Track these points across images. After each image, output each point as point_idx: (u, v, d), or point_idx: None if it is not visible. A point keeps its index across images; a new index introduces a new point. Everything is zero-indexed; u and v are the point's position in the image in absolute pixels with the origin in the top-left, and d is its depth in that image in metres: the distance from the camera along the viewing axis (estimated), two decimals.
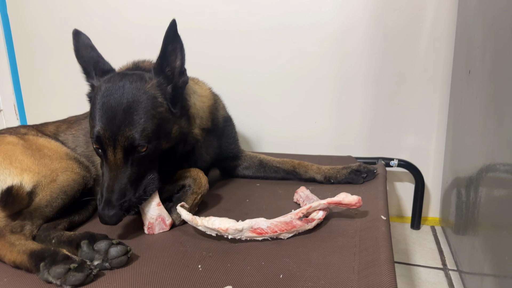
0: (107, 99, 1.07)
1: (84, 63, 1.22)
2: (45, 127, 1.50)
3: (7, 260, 0.99)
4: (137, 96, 1.08)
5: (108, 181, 1.06)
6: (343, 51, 1.82)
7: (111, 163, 1.07)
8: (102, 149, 1.08)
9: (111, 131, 1.05)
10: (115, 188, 1.05)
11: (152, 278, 0.91)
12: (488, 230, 1.11)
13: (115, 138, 1.05)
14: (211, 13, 1.94)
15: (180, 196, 1.22)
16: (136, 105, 1.07)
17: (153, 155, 1.11)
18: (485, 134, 1.15)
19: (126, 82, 1.09)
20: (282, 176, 1.55)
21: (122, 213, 1.05)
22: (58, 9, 2.19)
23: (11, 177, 1.14)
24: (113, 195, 1.04)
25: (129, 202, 1.07)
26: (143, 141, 1.06)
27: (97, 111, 1.08)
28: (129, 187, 1.07)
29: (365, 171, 1.43)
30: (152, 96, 1.10)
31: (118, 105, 1.06)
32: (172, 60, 1.15)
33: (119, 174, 1.07)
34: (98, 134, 1.06)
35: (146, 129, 1.07)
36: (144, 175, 1.11)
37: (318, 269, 0.90)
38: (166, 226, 1.15)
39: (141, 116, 1.07)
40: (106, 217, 1.03)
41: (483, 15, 1.24)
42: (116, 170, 1.07)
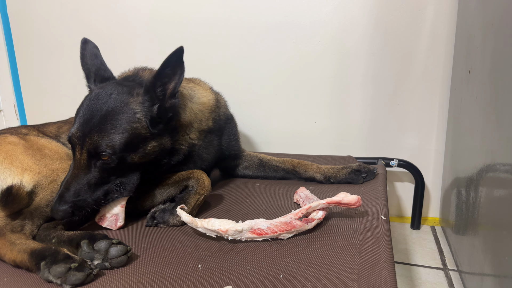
0: (91, 103, 1.12)
1: (87, 70, 1.28)
2: (46, 127, 1.50)
3: (7, 259, 0.99)
4: (117, 107, 1.11)
5: (68, 177, 1.10)
6: (343, 50, 1.82)
7: (76, 162, 1.12)
8: (72, 147, 1.14)
9: (82, 132, 1.10)
10: (72, 186, 1.08)
11: (152, 277, 0.91)
12: (488, 230, 1.11)
13: (84, 140, 1.09)
14: (210, 12, 1.94)
15: (182, 197, 1.22)
16: (112, 115, 1.10)
17: (118, 166, 1.12)
18: (485, 134, 1.15)
19: (114, 92, 1.14)
20: (282, 175, 1.55)
21: (71, 210, 1.07)
22: (58, 9, 2.19)
23: (12, 176, 1.14)
24: (67, 192, 1.07)
25: (82, 202, 1.09)
26: (107, 150, 1.08)
27: (79, 112, 1.14)
28: (86, 188, 1.09)
29: (365, 171, 1.43)
30: (132, 112, 1.12)
31: (98, 110, 1.11)
32: (167, 82, 1.17)
33: (80, 174, 1.10)
34: (71, 132, 1.12)
35: (113, 140, 1.09)
36: (108, 181, 1.13)
37: (318, 269, 0.90)
38: (114, 226, 1.17)
39: (113, 127, 1.10)
40: (54, 210, 1.06)
41: (483, 15, 1.24)
42: (78, 169, 1.11)
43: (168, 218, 1.18)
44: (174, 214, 1.17)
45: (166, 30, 2.02)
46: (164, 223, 1.18)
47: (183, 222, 1.18)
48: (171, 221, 1.17)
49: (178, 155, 1.28)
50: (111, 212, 1.16)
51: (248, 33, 1.91)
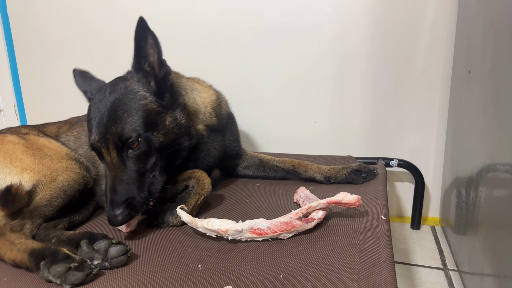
0: (95, 107, 1.12)
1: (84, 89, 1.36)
2: (46, 127, 1.51)
3: (7, 259, 0.99)
4: (119, 95, 1.12)
5: (109, 182, 1.07)
6: (343, 50, 1.82)
7: (109, 165, 1.09)
8: (98, 154, 1.11)
9: (100, 133, 1.08)
10: (116, 188, 1.06)
11: (152, 277, 0.91)
12: (488, 230, 1.11)
13: (106, 139, 1.08)
14: (210, 13, 1.94)
15: (183, 197, 1.22)
16: (118, 103, 1.10)
17: (149, 149, 1.11)
18: (485, 134, 1.15)
19: (110, 87, 1.15)
20: (282, 175, 1.55)
21: (127, 212, 1.04)
22: (58, 9, 2.19)
23: (11, 176, 1.14)
24: (115, 195, 1.05)
25: (133, 200, 1.06)
26: (132, 134, 1.07)
27: (89, 119, 1.13)
28: (130, 185, 1.07)
29: (365, 171, 1.43)
30: (134, 91, 1.13)
31: (104, 108, 1.10)
32: (149, 55, 1.17)
33: (118, 174, 1.08)
34: (91, 140, 1.10)
35: (131, 123, 1.09)
36: (145, 172, 1.11)
37: (318, 269, 0.90)
38: (125, 229, 1.14)
39: (125, 111, 1.09)
40: (112, 217, 1.03)
41: (483, 15, 1.24)
42: (114, 170, 1.08)
43: (168, 218, 1.18)
44: (174, 214, 1.17)
45: (166, 31, 2.02)
46: (164, 223, 1.18)
47: (183, 222, 1.18)
48: (171, 221, 1.17)
49: (193, 138, 1.29)
50: None
51: (248, 33, 1.91)
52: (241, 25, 1.91)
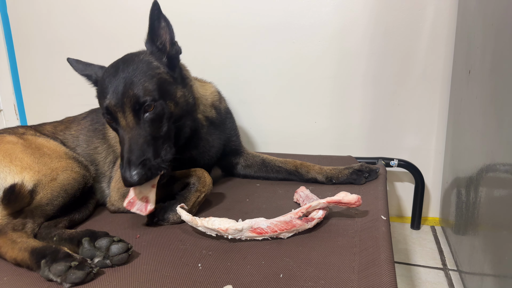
0: (109, 77, 1.15)
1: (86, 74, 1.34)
2: (43, 127, 1.51)
3: (8, 258, 0.99)
4: (134, 64, 1.16)
5: (126, 144, 1.09)
6: (343, 50, 1.82)
7: (125, 128, 1.11)
8: (114, 119, 1.13)
9: (117, 98, 1.11)
10: (133, 148, 1.07)
11: (152, 276, 0.91)
12: (488, 230, 1.11)
13: (122, 102, 1.10)
14: (210, 12, 1.94)
15: (183, 194, 1.22)
16: (133, 71, 1.14)
17: (162, 116, 1.15)
18: (485, 134, 1.15)
19: (122, 59, 1.20)
20: (284, 176, 1.54)
21: (143, 172, 1.05)
22: (58, 8, 2.19)
23: (12, 175, 1.15)
24: (132, 154, 1.06)
25: (149, 162, 1.07)
26: (148, 97, 1.11)
27: (102, 89, 1.15)
28: (146, 146, 1.09)
29: (367, 170, 1.43)
30: (148, 61, 1.18)
31: (119, 77, 1.13)
32: (162, 34, 1.23)
33: (134, 135, 1.10)
34: (107, 105, 1.12)
35: (148, 87, 1.13)
36: (158, 139, 1.13)
37: (318, 269, 0.90)
38: (144, 211, 1.11)
39: (141, 77, 1.13)
40: (128, 176, 1.03)
41: (483, 15, 1.24)
42: (131, 132, 1.10)
43: (169, 215, 1.18)
44: (174, 211, 1.18)
45: None
46: (164, 220, 1.18)
47: (182, 220, 1.18)
48: (171, 218, 1.18)
49: (195, 122, 1.34)
50: (142, 193, 1.11)
51: (248, 33, 1.91)
52: (241, 24, 1.91)
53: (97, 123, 1.50)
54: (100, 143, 1.45)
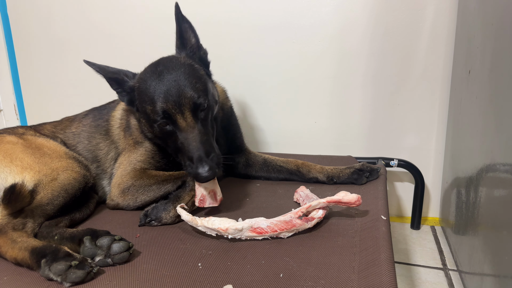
0: (156, 81, 1.17)
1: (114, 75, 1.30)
2: (42, 127, 1.52)
3: (9, 257, 0.99)
4: (180, 67, 1.20)
5: (192, 143, 1.13)
6: (343, 50, 1.82)
7: (186, 128, 1.15)
8: (171, 121, 1.16)
9: (173, 100, 1.14)
10: (200, 146, 1.12)
11: (152, 275, 0.91)
12: (488, 230, 1.11)
13: (180, 104, 1.14)
14: (209, 12, 1.94)
15: (177, 193, 1.23)
16: (183, 74, 1.18)
17: (210, 114, 1.22)
18: (485, 134, 1.15)
19: (162, 64, 1.21)
20: (285, 176, 1.53)
21: (214, 166, 1.10)
22: (58, 8, 2.19)
23: (12, 175, 1.15)
24: (202, 152, 1.11)
25: (215, 156, 1.13)
26: (201, 98, 1.17)
27: (152, 93, 1.16)
28: (208, 143, 1.15)
29: (368, 170, 1.43)
30: (190, 64, 1.24)
31: (168, 80, 1.17)
32: (190, 38, 1.30)
33: (196, 134, 1.14)
34: (163, 108, 1.14)
35: (199, 88, 1.18)
36: (210, 135, 1.19)
37: (318, 269, 0.90)
38: (216, 202, 1.18)
39: (191, 79, 1.18)
40: (204, 172, 1.08)
41: (483, 15, 1.24)
42: (193, 131, 1.14)
43: (161, 214, 1.18)
44: (167, 210, 1.18)
45: (166, 29, 2.02)
46: (157, 219, 1.18)
47: (176, 219, 1.18)
48: (163, 217, 1.18)
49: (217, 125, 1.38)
50: (207, 188, 1.17)
51: (248, 33, 1.91)
52: (240, 24, 1.91)
53: (100, 120, 1.50)
54: (102, 139, 1.46)
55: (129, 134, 1.41)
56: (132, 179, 1.29)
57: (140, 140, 1.38)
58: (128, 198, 1.28)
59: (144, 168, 1.33)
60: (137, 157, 1.36)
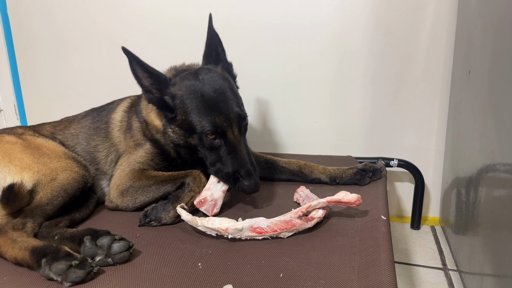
0: (206, 93, 1.20)
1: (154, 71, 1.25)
2: (41, 127, 1.52)
3: (9, 257, 0.99)
4: (224, 80, 1.25)
5: (240, 156, 1.18)
6: (343, 50, 1.82)
7: (233, 142, 1.20)
8: (220, 134, 1.19)
9: (224, 114, 1.19)
10: (247, 160, 1.18)
11: (152, 275, 0.91)
12: (488, 230, 1.11)
13: (229, 118, 1.19)
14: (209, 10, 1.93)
15: (177, 193, 1.23)
16: (228, 88, 1.24)
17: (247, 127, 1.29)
18: (485, 134, 1.15)
19: (204, 75, 1.24)
20: (287, 177, 1.52)
21: (259, 180, 1.17)
22: (58, 8, 2.19)
23: (11, 175, 1.15)
24: (250, 165, 1.18)
25: (258, 170, 1.20)
26: (244, 113, 1.24)
27: (203, 106, 1.19)
28: (250, 157, 1.20)
29: (371, 170, 1.42)
30: (229, 78, 1.29)
31: (216, 93, 1.21)
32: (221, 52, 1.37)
33: (243, 148, 1.20)
34: (216, 122, 1.18)
35: (242, 103, 1.26)
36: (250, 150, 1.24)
37: (318, 269, 0.90)
38: (211, 212, 1.20)
39: (235, 94, 1.25)
40: (254, 185, 1.15)
41: (483, 15, 1.24)
42: (240, 145, 1.20)
43: (160, 215, 1.18)
44: (166, 210, 1.18)
45: (166, 31, 2.02)
46: (156, 220, 1.18)
47: (175, 219, 1.18)
48: (163, 217, 1.18)
49: None
50: (213, 196, 1.20)
51: (248, 33, 1.91)
52: (240, 24, 1.91)
53: (99, 122, 1.50)
54: (101, 141, 1.45)
55: (130, 136, 1.41)
56: (131, 180, 1.29)
57: (141, 142, 1.38)
58: (127, 199, 1.28)
59: (143, 169, 1.33)
60: (136, 159, 1.35)
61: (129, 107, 1.49)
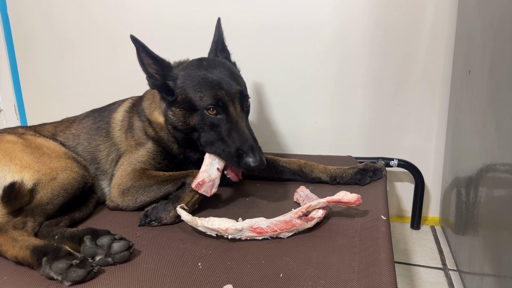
0: (207, 71, 1.25)
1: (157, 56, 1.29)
2: (42, 127, 1.52)
3: (9, 256, 0.99)
4: (225, 64, 1.31)
5: (243, 131, 1.20)
6: (343, 51, 1.82)
7: (235, 118, 1.22)
8: (222, 108, 1.21)
9: (226, 89, 1.22)
10: (249, 136, 1.19)
11: (152, 275, 0.91)
12: (488, 230, 1.11)
13: (231, 93, 1.22)
14: (209, 12, 1.94)
15: (177, 193, 1.23)
16: (232, 70, 1.29)
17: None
18: (485, 134, 1.15)
19: (207, 60, 1.31)
20: (288, 177, 1.52)
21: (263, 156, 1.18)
22: (58, 8, 2.19)
23: (11, 174, 1.15)
24: (253, 141, 1.19)
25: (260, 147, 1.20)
26: (247, 92, 1.28)
27: (204, 81, 1.23)
28: (253, 133, 1.22)
29: (371, 170, 1.42)
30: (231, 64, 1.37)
31: (219, 71, 1.25)
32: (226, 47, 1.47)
33: (244, 125, 1.22)
34: (217, 95, 1.21)
35: (245, 84, 1.31)
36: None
37: (318, 269, 0.90)
38: (209, 193, 1.20)
39: (238, 76, 1.31)
40: (260, 160, 1.15)
41: (483, 15, 1.24)
42: (242, 121, 1.22)
43: (161, 215, 1.18)
44: (167, 210, 1.18)
45: (166, 31, 2.02)
46: (157, 220, 1.18)
47: (176, 219, 1.18)
48: (163, 217, 1.18)
49: None
50: (210, 177, 1.20)
51: (248, 33, 1.91)
52: (241, 25, 1.91)
53: (100, 122, 1.50)
54: (102, 141, 1.46)
55: (131, 135, 1.42)
56: (132, 180, 1.29)
57: (142, 141, 1.38)
58: (128, 199, 1.28)
59: (144, 168, 1.33)
60: (137, 158, 1.36)
61: (130, 107, 1.50)
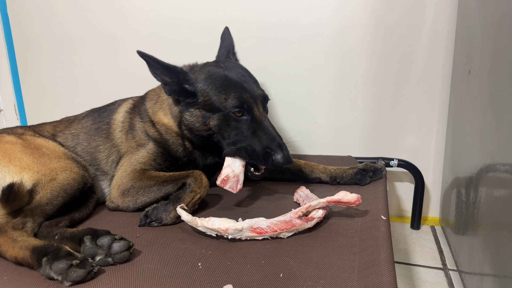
0: (228, 74, 1.29)
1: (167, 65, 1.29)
2: (42, 127, 1.52)
3: (9, 256, 0.99)
4: (243, 67, 1.36)
5: (268, 130, 1.24)
6: (343, 50, 1.82)
7: (259, 118, 1.26)
8: (247, 110, 1.24)
9: (249, 92, 1.26)
10: (275, 135, 1.24)
11: (152, 275, 0.91)
12: (488, 230, 1.11)
13: (255, 96, 1.27)
14: (210, 12, 1.94)
15: (178, 194, 1.23)
16: (248, 72, 1.35)
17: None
18: (485, 134, 1.15)
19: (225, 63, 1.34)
20: (288, 177, 1.53)
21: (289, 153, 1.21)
22: (58, 8, 2.19)
23: (11, 174, 1.15)
24: (279, 138, 1.23)
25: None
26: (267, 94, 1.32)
27: (228, 84, 1.26)
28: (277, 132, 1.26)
29: (371, 170, 1.42)
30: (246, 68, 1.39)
31: (239, 74, 1.30)
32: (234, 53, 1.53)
33: (269, 124, 1.26)
34: (243, 98, 1.24)
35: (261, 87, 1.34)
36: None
37: (318, 269, 0.90)
38: (235, 189, 1.20)
39: (255, 79, 1.34)
40: (287, 156, 1.19)
41: (483, 15, 1.24)
42: (265, 121, 1.26)
43: (161, 215, 1.18)
44: (167, 210, 1.18)
45: (167, 31, 2.02)
46: (157, 220, 1.18)
47: (176, 220, 1.18)
48: (164, 218, 1.18)
49: None
50: (234, 172, 1.21)
51: (248, 33, 1.91)
52: (241, 25, 1.91)
53: (100, 122, 1.50)
54: (102, 142, 1.45)
55: (132, 136, 1.41)
56: (132, 180, 1.29)
57: (143, 142, 1.38)
58: (128, 199, 1.28)
59: (144, 169, 1.33)
60: (138, 159, 1.36)
61: (131, 108, 1.49)
